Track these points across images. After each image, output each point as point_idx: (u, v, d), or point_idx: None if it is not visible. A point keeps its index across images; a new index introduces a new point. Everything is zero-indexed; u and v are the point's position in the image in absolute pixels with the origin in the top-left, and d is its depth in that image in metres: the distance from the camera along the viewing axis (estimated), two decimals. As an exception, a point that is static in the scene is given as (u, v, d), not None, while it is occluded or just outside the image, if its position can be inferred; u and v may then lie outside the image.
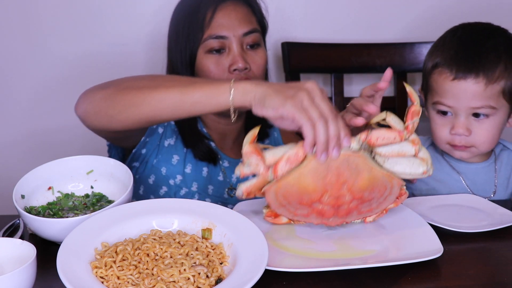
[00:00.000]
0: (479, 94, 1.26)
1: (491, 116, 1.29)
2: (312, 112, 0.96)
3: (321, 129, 0.95)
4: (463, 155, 1.35)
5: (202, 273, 0.89)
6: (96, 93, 1.19)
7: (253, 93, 1.02)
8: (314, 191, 0.99)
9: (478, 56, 1.27)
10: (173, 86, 1.10)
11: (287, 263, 0.94)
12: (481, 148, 1.33)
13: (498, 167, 1.40)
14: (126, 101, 1.13)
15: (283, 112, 0.97)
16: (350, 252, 1.00)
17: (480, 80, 1.25)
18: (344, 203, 1.01)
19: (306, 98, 0.97)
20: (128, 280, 0.88)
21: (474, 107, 1.27)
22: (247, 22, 1.45)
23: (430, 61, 1.33)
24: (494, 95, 1.27)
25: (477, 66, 1.25)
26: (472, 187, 1.38)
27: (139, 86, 1.14)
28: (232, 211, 1.04)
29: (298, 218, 1.05)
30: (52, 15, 1.79)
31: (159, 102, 1.10)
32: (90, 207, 1.12)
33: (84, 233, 0.95)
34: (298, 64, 1.82)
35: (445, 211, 1.20)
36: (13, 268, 0.84)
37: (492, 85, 1.26)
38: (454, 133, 1.30)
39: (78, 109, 1.21)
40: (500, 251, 1.05)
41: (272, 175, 1.00)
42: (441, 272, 0.96)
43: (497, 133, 1.32)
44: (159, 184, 1.46)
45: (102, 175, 1.18)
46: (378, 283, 0.92)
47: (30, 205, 1.11)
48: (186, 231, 1.00)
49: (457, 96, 1.27)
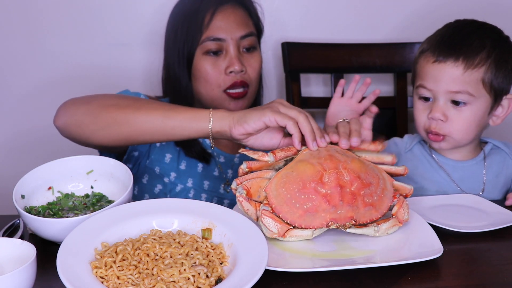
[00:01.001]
0: (457, 78, 1.28)
1: (469, 105, 1.30)
2: (290, 112, 1.10)
3: (303, 122, 1.09)
4: (442, 146, 1.36)
5: (202, 273, 0.89)
6: (79, 107, 1.22)
7: (231, 117, 1.12)
8: (313, 173, 1.03)
9: (462, 42, 1.30)
10: (156, 109, 1.16)
11: (287, 263, 0.94)
12: (457, 137, 1.33)
13: (488, 165, 1.40)
14: (109, 118, 1.17)
15: (265, 120, 1.09)
16: (350, 252, 1.00)
17: (459, 64, 1.28)
18: (346, 184, 1.02)
19: (280, 106, 1.11)
20: (128, 280, 0.87)
21: (452, 91, 1.29)
22: (245, 26, 1.47)
23: (419, 49, 1.38)
24: (473, 82, 1.28)
25: (459, 51, 1.29)
26: (461, 184, 1.39)
27: (123, 105, 1.18)
28: (232, 211, 1.04)
29: (303, 220, 1.00)
30: (51, 15, 1.79)
31: (142, 123, 1.15)
32: (90, 207, 1.12)
33: (84, 233, 0.95)
34: (298, 64, 1.82)
35: (445, 211, 1.20)
36: (13, 268, 0.84)
37: (471, 71, 1.28)
38: (431, 117, 1.32)
39: (58, 121, 1.24)
40: (500, 251, 1.05)
41: (272, 156, 1.08)
42: (441, 272, 0.96)
43: (474, 124, 1.32)
44: (153, 183, 1.47)
45: (102, 175, 1.18)
46: (378, 283, 0.92)
47: (30, 205, 1.11)
48: (186, 231, 1.00)
49: (437, 78, 1.30)
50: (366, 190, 1.03)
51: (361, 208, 1.02)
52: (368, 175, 1.06)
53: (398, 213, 1.05)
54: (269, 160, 1.08)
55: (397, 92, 1.87)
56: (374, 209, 1.03)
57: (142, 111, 1.16)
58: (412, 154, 1.45)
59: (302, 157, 1.08)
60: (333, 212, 1.00)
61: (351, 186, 1.02)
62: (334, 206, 1.00)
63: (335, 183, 1.02)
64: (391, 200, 1.06)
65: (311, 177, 1.02)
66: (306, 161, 1.05)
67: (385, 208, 1.05)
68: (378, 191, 1.04)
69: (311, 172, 1.03)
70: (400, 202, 1.06)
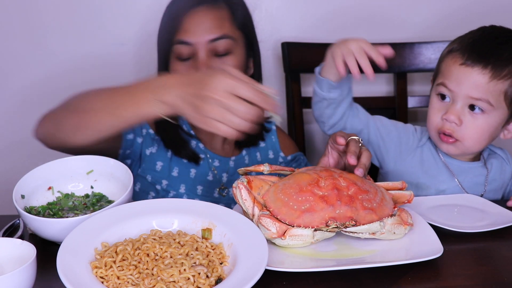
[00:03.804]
0: (482, 86, 1.26)
1: (486, 114, 1.28)
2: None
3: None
4: (450, 150, 1.35)
5: (202, 273, 0.89)
6: (48, 117, 1.23)
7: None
8: (310, 179, 1.03)
9: (493, 50, 1.28)
10: (101, 109, 1.12)
11: (287, 263, 0.94)
12: (467, 143, 1.32)
13: (488, 169, 1.40)
14: (69, 125, 1.17)
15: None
16: (350, 252, 1.00)
17: (487, 72, 1.26)
18: (342, 188, 1.02)
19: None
20: (128, 280, 0.87)
21: (473, 97, 1.27)
22: (217, 28, 1.39)
23: (448, 47, 1.35)
24: (496, 92, 1.27)
25: (488, 58, 1.26)
26: (464, 186, 1.39)
27: (79, 110, 1.16)
28: (232, 211, 1.04)
29: (301, 220, 0.99)
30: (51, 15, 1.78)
31: (97, 124, 1.13)
32: (90, 207, 1.12)
33: (84, 233, 0.95)
34: (298, 64, 1.82)
35: (445, 211, 1.20)
36: (13, 268, 0.84)
37: (497, 81, 1.26)
38: (445, 118, 1.31)
39: (36, 134, 1.26)
40: (500, 251, 1.05)
41: (268, 166, 1.09)
42: (441, 272, 0.96)
43: (487, 134, 1.31)
44: (145, 190, 1.46)
45: (102, 175, 1.18)
46: (378, 283, 0.92)
47: (30, 205, 1.11)
48: (186, 231, 1.00)
49: (461, 81, 1.28)
50: (364, 195, 1.02)
51: (360, 210, 1.00)
52: (365, 184, 1.05)
53: (401, 215, 1.05)
54: (264, 169, 1.09)
55: (397, 92, 1.87)
56: (374, 213, 1.01)
57: (91, 113, 1.13)
58: (421, 149, 1.43)
59: (298, 171, 1.10)
60: (332, 211, 0.99)
61: (348, 190, 1.02)
62: (332, 205, 0.99)
63: (332, 187, 1.02)
64: (391, 210, 1.04)
65: (307, 182, 1.03)
66: (302, 173, 1.07)
67: (386, 215, 1.02)
68: (377, 199, 1.03)
69: (307, 178, 1.04)
70: (401, 209, 1.06)
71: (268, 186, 1.06)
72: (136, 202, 1.05)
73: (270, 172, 1.10)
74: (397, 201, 1.09)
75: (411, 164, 1.42)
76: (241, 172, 1.11)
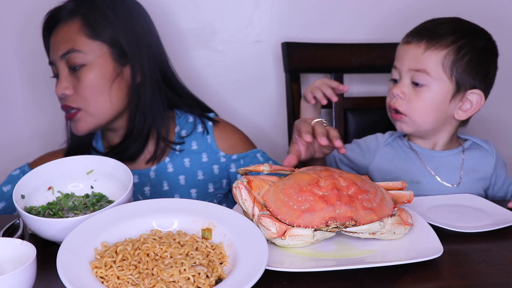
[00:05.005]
0: (418, 57, 1.36)
1: (427, 87, 1.35)
2: None
3: None
4: (403, 128, 1.41)
5: (202, 273, 0.89)
6: None
7: None
8: (310, 179, 1.04)
9: (430, 28, 1.39)
10: None
11: (287, 263, 0.94)
12: (415, 118, 1.38)
13: (465, 158, 1.44)
14: None
15: None
16: (350, 252, 1.00)
17: (422, 44, 1.36)
18: (342, 188, 1.02)
19: None
20: (128, 280, 0.87)
21: (412, 68, 1.36)
22: (64, 43, 1.36)
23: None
24: (432, 63, 1.34)
25: (424, 33, 1.38)
26: (437, 174, 1.42)
27: None
28: (232, 211, 1.04)
29: (301, 220, 0.99)
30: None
31: None
32: (90, 207, 1.12)
33: (84, 233, 0.95)
34: (298, 64, 1.82)
35: (445, 211, 1.20)
36: (13, 268, 0.84)
37: (431, 52, 1.35)
38: (391, 94, 1.40)
39: None
40: (500, 251, 1.05)
41: (268, 166, 1.09)
42: (441, 272, 0.96)
43: (431, 107, 1.37)
44: None
45: (102, 175, 1.18)
46: (378, 283, 0.92)
47: (30, 205, 1.11)
48: (186, 231, 1.00)
49: (402, 57, 1.40)
50: (364, 195, 1.02)
51: (360, 210, 1.00)
52: (365, 184, 1.05)
53: (401, 215, 1.05)
54: (264, 169, 1.09)
55: (397, 92, 1.87)
56: (374, 213, 1.01)
57: None
58: (390, 147, 1.50)
59: (298, 171, 1.11)
60: (332, 211, 0.99)
61: (348, 190, 1.02)
62: (332, 205, 0.99)
63: (332, 187, 1.02)
64: (391, 210, 1.04)
65: (307, 182, 1.03)
66: (302, 172, 1.08)
67: (386, 215, 1.02)
68: (377, 199, 1.04)
69: (307, 178, 1.04)
70: (401, 209, 1.06)
71: (268, 186, 1.06)
72: (136, 202, 1.05)
73: (270, 172, 1.10)
74: (397, 201, 1.10)
75: (380, 162, 1.48)
76: (241, 172, 1.11)
